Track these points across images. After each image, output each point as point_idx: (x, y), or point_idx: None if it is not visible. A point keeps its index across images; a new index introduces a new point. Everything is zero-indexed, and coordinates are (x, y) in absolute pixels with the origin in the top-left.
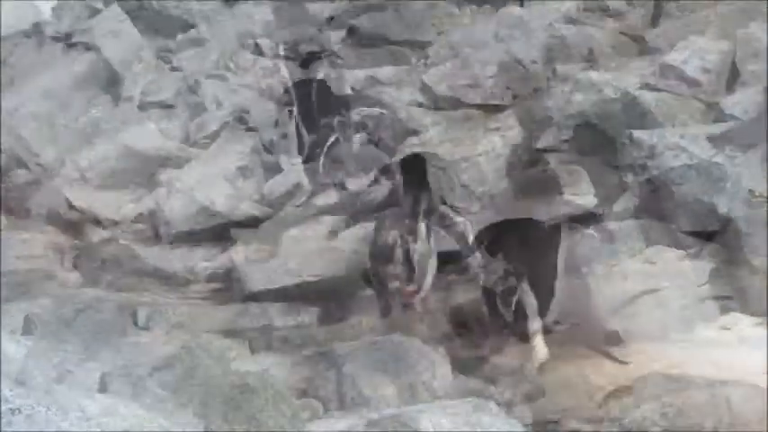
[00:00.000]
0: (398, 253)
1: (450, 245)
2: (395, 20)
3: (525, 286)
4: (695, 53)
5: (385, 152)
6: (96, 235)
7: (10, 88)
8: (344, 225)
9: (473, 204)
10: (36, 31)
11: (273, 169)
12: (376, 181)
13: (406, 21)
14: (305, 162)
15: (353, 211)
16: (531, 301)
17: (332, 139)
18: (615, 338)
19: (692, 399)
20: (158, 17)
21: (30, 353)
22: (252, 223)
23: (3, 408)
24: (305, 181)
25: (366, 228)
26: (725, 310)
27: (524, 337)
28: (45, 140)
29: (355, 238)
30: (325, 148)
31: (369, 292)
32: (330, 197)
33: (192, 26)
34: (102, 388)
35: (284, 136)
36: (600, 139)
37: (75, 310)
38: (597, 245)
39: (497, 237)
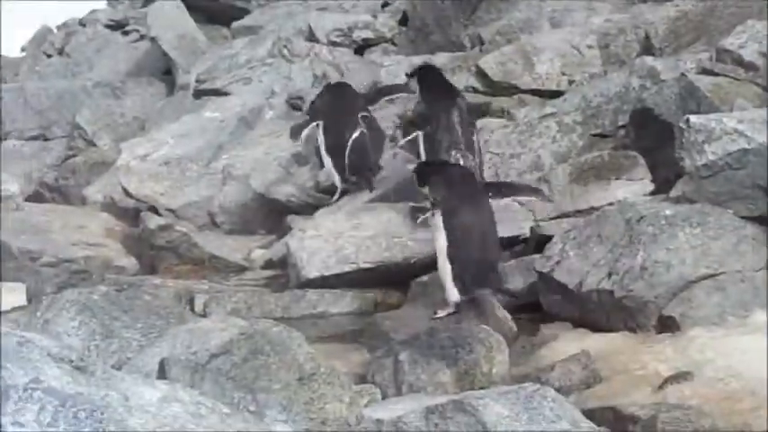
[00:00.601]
0: None
1: (506, 230)
2: (449, 6)
3: None
4: (753, 37)
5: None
6: (153, 222)
7: (66, 76)
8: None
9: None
10: (91, 19)
11: None
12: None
13: (461, 6)
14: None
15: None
16: None
17: (356, 133)
18: (672, 324)
19: (749, 384)
20: (213, 4)
21: (87, 340)
22: (307, 210)
23: (64, 392)
24: (336, 179)
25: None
26: None
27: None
28: (102, 128)
29: (410, 224)
30: (350, 143)
31: (425, 278)
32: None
33: (248, 12)
34: (162, 374)
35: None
36: (656, 124)
37: (133, 296)
38: (657, 230)
39: None
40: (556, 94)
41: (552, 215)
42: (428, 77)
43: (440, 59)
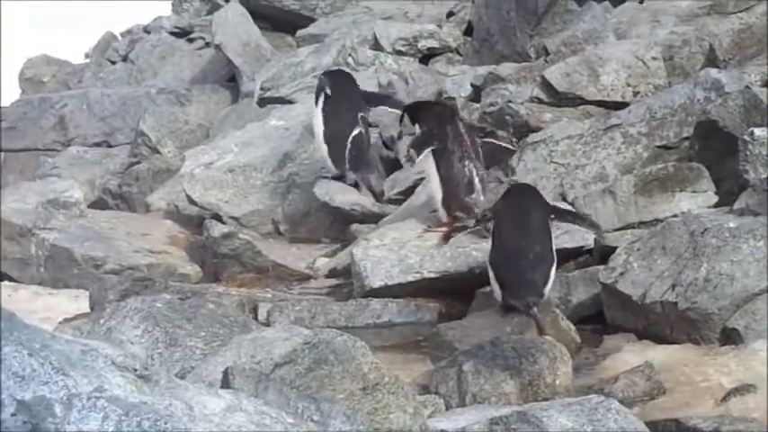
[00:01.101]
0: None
1: (570, 241)
2: (515, 16)
3: None
4: None
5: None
6: (217, 230)
7: (130, 83)
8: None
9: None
10: (155, 26)
11: (393, 166)
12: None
13: (526, 17)
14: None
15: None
16: None
17: (355, 132)
18: (736, 336)
19: None
20: (278, 12)
21: (151, 349)
22: (371, 219)
23: (128, 401)
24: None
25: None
26: None
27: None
28: (165, 136)
29: (474, 235)
30: (349, 141)
31: (488, 288)
32: None
33: (312, 20)
34: (225, 384)
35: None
36: (721, 137)
37: (197, 305)
38: (721, 242)
39: None
40: (621, 106)
41: (616, 226)
42: (423, 106)
43: (505, 70)
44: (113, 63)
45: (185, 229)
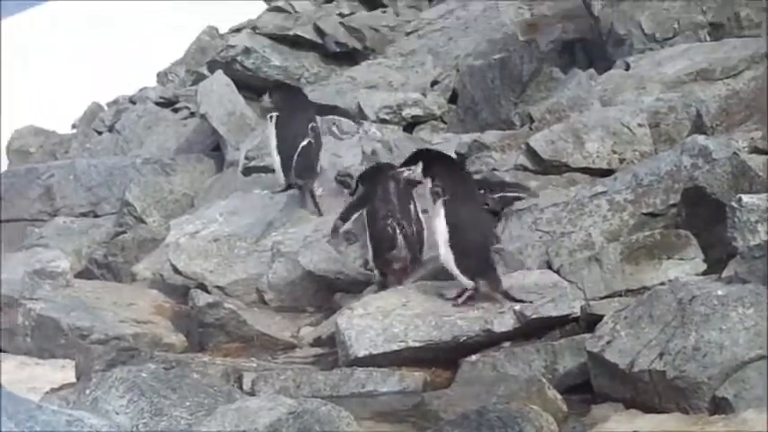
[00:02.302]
0: (400, 239)
1: (555, 310)
2: (499, 84)
3: None
4: None
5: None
6: (202, 299)
7: (116, 152)
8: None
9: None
10: (141, 96)
11: None
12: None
13: (511, 85)
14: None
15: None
16: None
17: (303, 143)
18: (726, 405)
19: None
20: (262, 82)
21: (136, 419)
22: (356, 288)
23: None
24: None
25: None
26: None
27: None
28: (151, 205)
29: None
30: (297, 151)
31: (474, 357)
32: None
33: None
34: None
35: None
36: (708, 204)
37: (182, 375)
38: (709, 310)
39: None
40: (606, 173)
41: (603, 294)
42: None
43: (489, 137)
44: (100, 133)
45: (171, 299)
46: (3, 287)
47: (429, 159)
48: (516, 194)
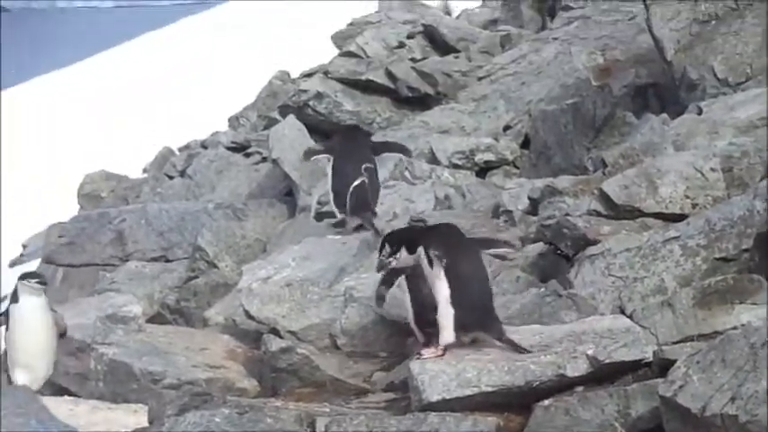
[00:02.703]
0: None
1: (628, 355)
2: (572, 129)
3: None
4: None
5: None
6: (274, 344)
7: (188, 197)
8: None
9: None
10: (213, 141)
11: None
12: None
13: (583, 130)
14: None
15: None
16: None
17: (356, 182)
18: None
19: None
20: (334, 127)
21: None
22: None
23: None
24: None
25: None
26: None
27: None
28: (223, 250)
29: (530, 345)
30: (350, 191)
31: (547, 402)
32: None
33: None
34: None
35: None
36: None
37: (255, 419)
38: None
39: None
40: (679, 218)
41: (675, 339)
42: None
43: (562, 182)
44: (171, 178)
45: (243, 344)
46: (75, 332)
47: (409, 237)
48: (504, 250)
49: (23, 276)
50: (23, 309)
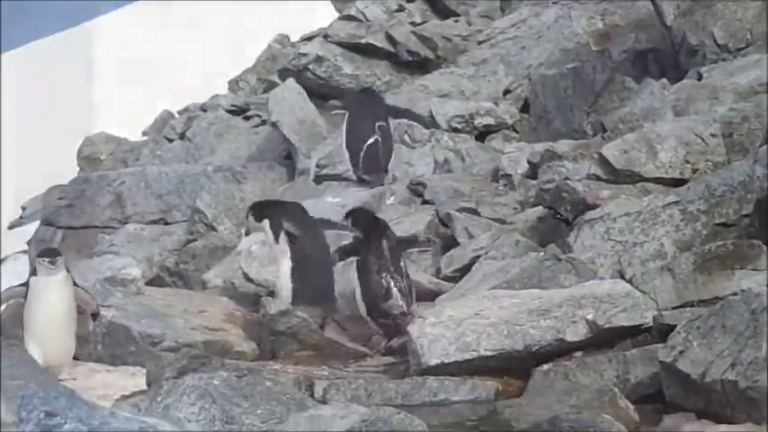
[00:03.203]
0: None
1: (627, 320)
2: (572, 94)
3: None
4: None
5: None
6: (273, 307)
7: (187, 160)
8: None
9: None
10: (212, 104)
11: (449, 243)
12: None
13: (583, 94)
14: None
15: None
16: None
17: (370, 141)
18: None
19: None
20: (334, 90)
21: (208, 426)
22: (428, 297)
23: None
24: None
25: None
26: None
27: None
28: (222, 213)
29: (529, 310)
30: (364, 149)
31: (546, 366)
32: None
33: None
34: None
35: (461, 210)
36: None
37: (254, 382)
38: None
39: None
40: (679, 183)
41: (675, 304)
42: (361, 216)
43: (562, 147)
44: (171, 141)
45: (242, 307)
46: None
47: (261, 209)
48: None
49: (41, 254)
50: (40, 283)
